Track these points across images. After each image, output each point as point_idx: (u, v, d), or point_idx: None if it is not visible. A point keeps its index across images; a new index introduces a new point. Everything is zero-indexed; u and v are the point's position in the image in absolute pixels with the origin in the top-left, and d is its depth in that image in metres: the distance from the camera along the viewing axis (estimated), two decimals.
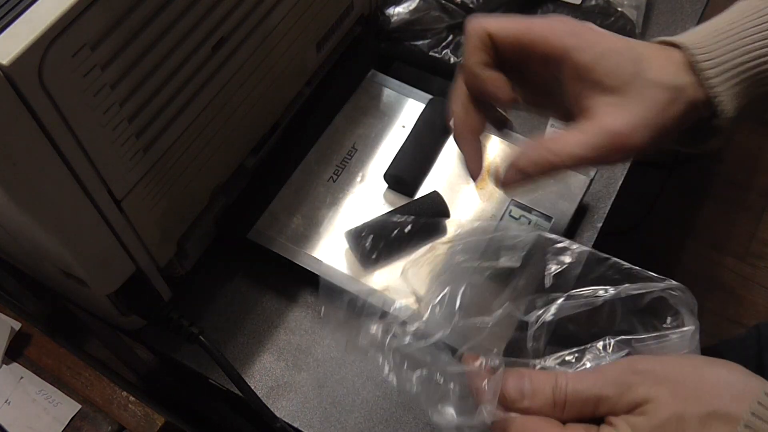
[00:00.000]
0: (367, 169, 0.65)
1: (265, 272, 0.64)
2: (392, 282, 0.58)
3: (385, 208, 0.63)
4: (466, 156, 0.50)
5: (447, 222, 0.62)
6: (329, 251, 0.61)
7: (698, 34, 0.44)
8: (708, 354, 0.41)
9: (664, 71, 0.43)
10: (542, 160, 0.44)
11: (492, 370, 0.41)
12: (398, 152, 0.65)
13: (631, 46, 0.44)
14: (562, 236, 0.47)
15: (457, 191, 0.64)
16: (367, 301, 0.46)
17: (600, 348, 0.43)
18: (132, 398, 0.55)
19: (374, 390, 0.59)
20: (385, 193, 0.64)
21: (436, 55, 0.74)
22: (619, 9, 0.77)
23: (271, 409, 0.55)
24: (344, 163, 0.65)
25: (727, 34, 0.43)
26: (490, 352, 0.42)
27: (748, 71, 0.43)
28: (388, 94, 0.69)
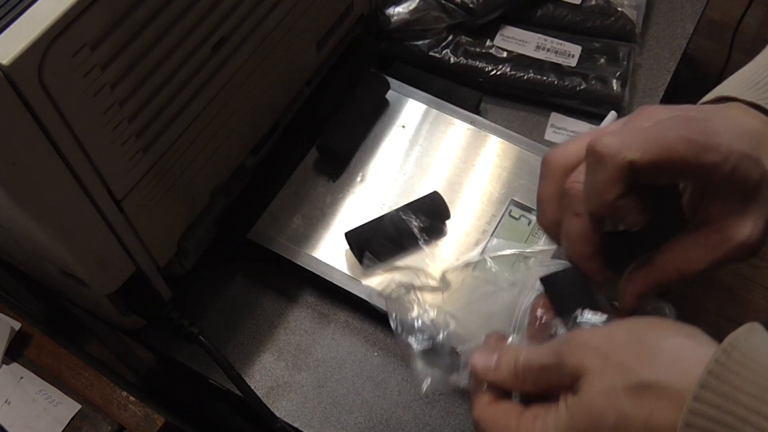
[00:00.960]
0: (367, 169, 0.65)
1: (265, 272, 0.64)
2: (392, 282, 0.58)
3: (385, 208, 0.63)
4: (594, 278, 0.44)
5: (447, 222, 0.62)
6: (329, 251, 0.61)
7: None
8: None
9: None
10: (666, 281, 0.40)
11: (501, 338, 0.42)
12: (332, 123, 0.66)
13: (749, 130, 0.39)
14: None
15: (457, 191, 0.64)
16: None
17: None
18: (132, 398, 0.55)
19: (374, 390, 0.59)
20: (385, 193, 0.64)
21: (436, 55, 0.74)
22: (619, 9, 0.77)
23: (271, 409, 0.55)
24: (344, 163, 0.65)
25: None
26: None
27: None
28: (388, 94, 0.69)
